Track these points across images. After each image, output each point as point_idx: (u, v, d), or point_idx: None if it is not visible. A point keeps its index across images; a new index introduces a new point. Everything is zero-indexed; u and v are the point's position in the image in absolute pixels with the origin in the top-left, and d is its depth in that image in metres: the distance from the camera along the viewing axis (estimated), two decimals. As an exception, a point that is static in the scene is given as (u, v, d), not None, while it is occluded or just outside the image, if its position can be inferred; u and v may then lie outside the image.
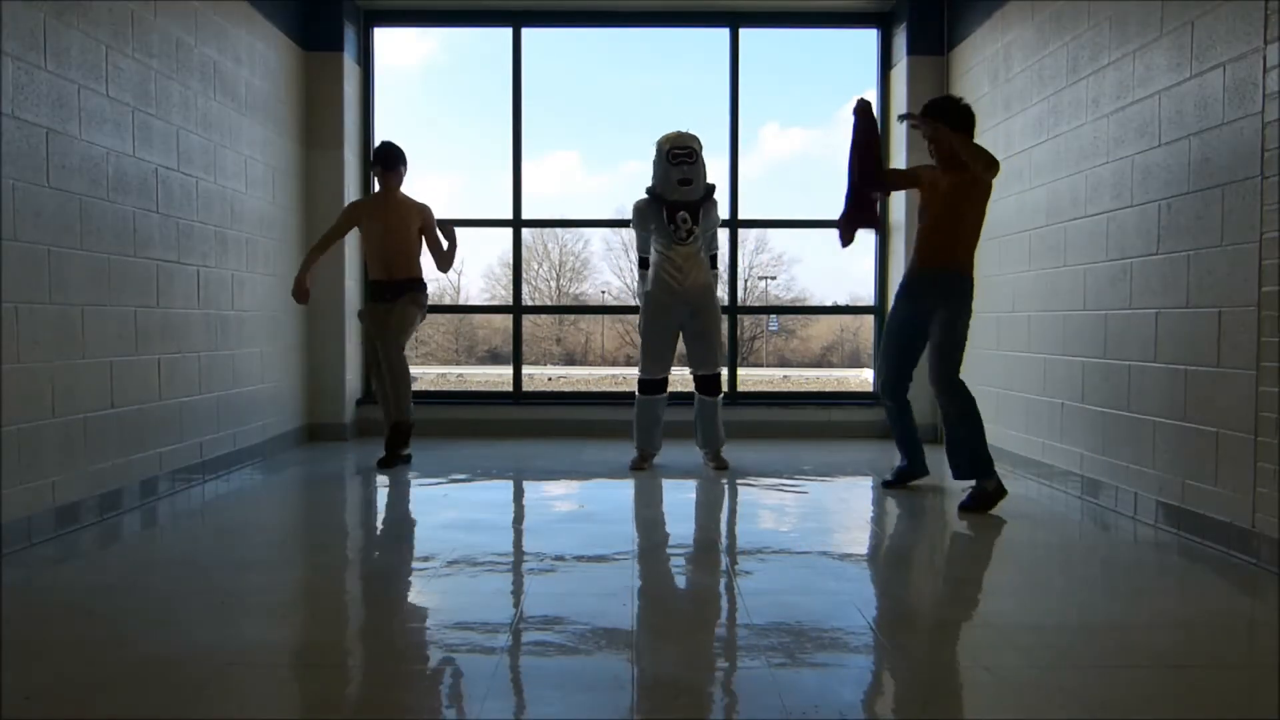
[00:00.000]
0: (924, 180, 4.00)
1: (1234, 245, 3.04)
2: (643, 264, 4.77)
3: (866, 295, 6.34)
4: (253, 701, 1.94)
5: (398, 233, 4.64)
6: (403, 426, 4.66)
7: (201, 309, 4.28)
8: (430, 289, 4.86)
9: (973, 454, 3.79)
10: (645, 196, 4.68)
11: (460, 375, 15.10)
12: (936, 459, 4.29)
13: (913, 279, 3.99)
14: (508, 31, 6.02)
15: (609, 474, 4.58)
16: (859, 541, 3.44)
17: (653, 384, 4.71)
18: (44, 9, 3.15)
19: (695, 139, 4.62)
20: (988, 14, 4.95)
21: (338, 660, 2.19)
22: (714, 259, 4.78)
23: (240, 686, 1.99)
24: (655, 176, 4.65)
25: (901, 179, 4.41)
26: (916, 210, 4.15)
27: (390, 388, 4.63)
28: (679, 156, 4.55)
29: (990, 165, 3.65)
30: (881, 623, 2.47)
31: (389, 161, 4.65)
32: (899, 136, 5.72)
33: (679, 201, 4.56)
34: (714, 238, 4.77)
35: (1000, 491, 3.77)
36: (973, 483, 3.81)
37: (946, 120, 3.80)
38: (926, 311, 3.93)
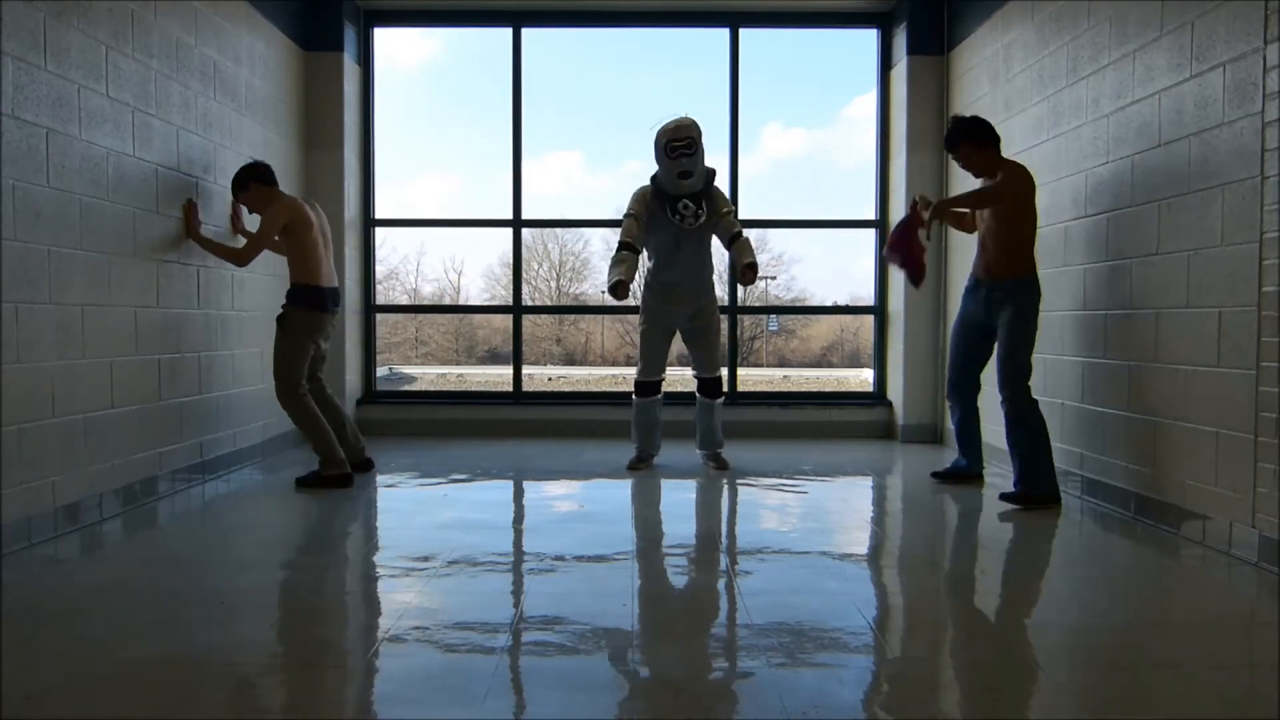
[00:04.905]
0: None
1: (1234, 245, 3.03)
2: (624, 247, 4.57)
3: (866, 295, 6.35)
4: (253, 701, 1.94)
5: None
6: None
7: (201, 309, 4.28)
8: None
9: (1025, 460, 3.80)
10: (650, 185, 4.59)
11: (460, 375, 15.10)
12: (937, 460, 4.28)
13: (972, 282, 4.08)
14: (508, 31, 6.02)
15: (609, 474, 4.58)
16: (859, 541, 3.44)
17: (649, 386, 4.71)
18: (44, 9, 3.15)
19: (693, 126, 4.45)
20: (988, 14, 4.95)
21: (338, 660, 2.19)
22: (738, 236, 4.57)
23: (240, 686, 2.00)
24: (658, 169, 4.55)
25: (968, 212, 4.32)
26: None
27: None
28: (677, 149, 4.42)
29: (999, 197, 3.81)
30: (881, 623, 2.48)
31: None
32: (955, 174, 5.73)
33: (681, 194, 4.51)
34: (731, 216, 4.59)
35: (1051, 499, 3.79)
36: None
37: (973, 140, 3.94)
38: (985, 315, 4.00)
